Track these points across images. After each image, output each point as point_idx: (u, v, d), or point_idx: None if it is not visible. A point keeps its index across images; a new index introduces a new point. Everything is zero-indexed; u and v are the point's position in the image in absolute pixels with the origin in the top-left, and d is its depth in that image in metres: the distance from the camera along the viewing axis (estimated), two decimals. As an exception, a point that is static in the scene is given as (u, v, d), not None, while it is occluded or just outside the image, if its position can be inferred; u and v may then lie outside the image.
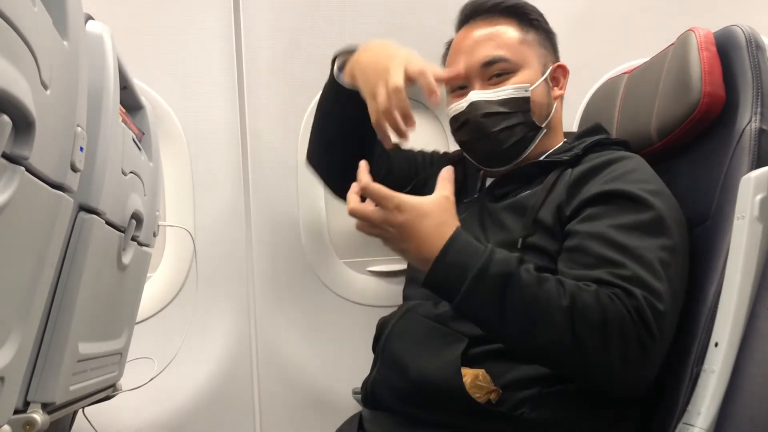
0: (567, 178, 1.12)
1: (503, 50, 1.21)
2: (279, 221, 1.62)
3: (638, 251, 0.98)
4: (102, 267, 0.94)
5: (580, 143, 1.19)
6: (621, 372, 0.94)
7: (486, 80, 1.21)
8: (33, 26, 0.58)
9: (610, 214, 1.03)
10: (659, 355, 0.96)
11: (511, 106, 1.19)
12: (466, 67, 1.22)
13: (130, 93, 1.12)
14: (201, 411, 1.58)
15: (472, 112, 1.19)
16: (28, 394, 0.79)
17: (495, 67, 1.20)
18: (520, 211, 1.13)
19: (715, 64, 1.09)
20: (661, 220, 1.02)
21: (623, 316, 0.92)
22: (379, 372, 1.14)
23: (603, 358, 0.93)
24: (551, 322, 0.94)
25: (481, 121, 1.19)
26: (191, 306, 1.55)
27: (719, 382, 0.90)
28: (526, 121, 1.19)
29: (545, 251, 1.07)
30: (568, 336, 0.93)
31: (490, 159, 1.24)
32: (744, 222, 0.93)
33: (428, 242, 1.00)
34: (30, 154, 0.59)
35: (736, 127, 1.04)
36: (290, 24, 1.62)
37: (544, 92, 1.23)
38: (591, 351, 0.93)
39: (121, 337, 1.17)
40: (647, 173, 1.10)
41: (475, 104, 1.19)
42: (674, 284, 0.99)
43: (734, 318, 0.91)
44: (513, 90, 1.19)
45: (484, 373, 1.02)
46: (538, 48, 1.24)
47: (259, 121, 1.62)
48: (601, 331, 0.92)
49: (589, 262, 0.99)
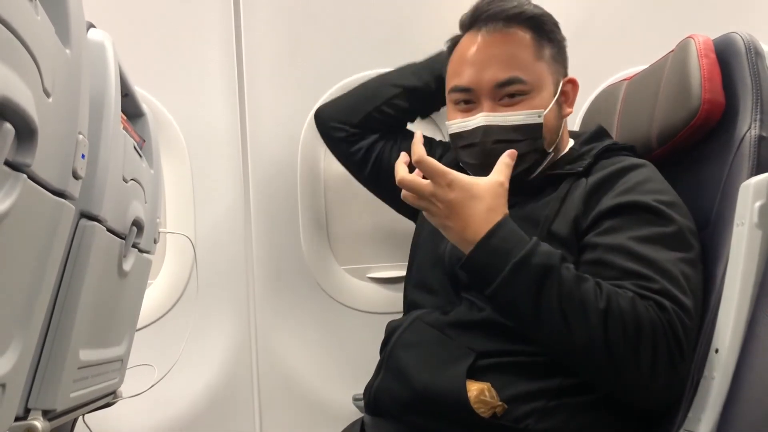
0: (582, 188, 1.09)
1: (519, 70, 1.12)
2: (279, 228, 1.62)
3: (663, 264, 0.97)
4: (103, 274, 0.94)
5: (589, 149, 1.16)
6: (649, 382, 0.93)
7: (497, 100, 1.13)
8: (35, 34, 0.58)
9: (630, 227, 1.02)
10: (686, 369, 0.95)
11: (522, 133, 1.12)
12: (477, 83, 1.13)
13: (132, 100, 1.13)
14: (201, 417, 1.58)
15: (482, 136, 1.12)
16: (29, 401, 0.79)
17: (510, 88, 1.12)
18: (532, 222, 1.08)
19: (715, 71, 1.09)
20: (681, 233, 1.01)
21: (656, 327, 0.92)
22: (383, 380, 1.13)
23: (633, 365, 0.92)
24: (585, 322, 0.93)
25: (492, 148, 1.11)
26: (192, 313, 1.55)
27: (720, 389, 0.90)
28: (537, 148, 1.13)
29: None
30: (600, 339, 0.92)
31: None
32: (743, 229, 0.93)
33: (474, 225, 0.99)
34: (32, 162, 0.59)
35: (736, 134, 1.05)
36: (290, 31, 1.63)
37: (556, 115, 1.16)
38: (622, 356, 0.92)
39: (122, 344, 1.17)
40: (661, 183, 1.09)
41: (485, 129, 1.12)
42: (697, 298, 0.98)
43: (734, 324, 0.91)
44: (526, 116, 1.12)
45: (489, 387, 1.01)
46: (552, 64, 1.17)
47: (260, 128, 1.62)
48: (634, 338, 0.92)
49: (614, 275, 0.98)
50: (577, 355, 0.97)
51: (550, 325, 0.96)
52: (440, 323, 1.11)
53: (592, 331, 0.93)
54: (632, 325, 0.92)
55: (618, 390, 0.98)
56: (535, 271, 0.95)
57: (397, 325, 1.18)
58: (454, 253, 1.13)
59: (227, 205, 1.63)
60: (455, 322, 1.09)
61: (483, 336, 1.06)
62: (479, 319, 1.07)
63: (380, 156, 1.44)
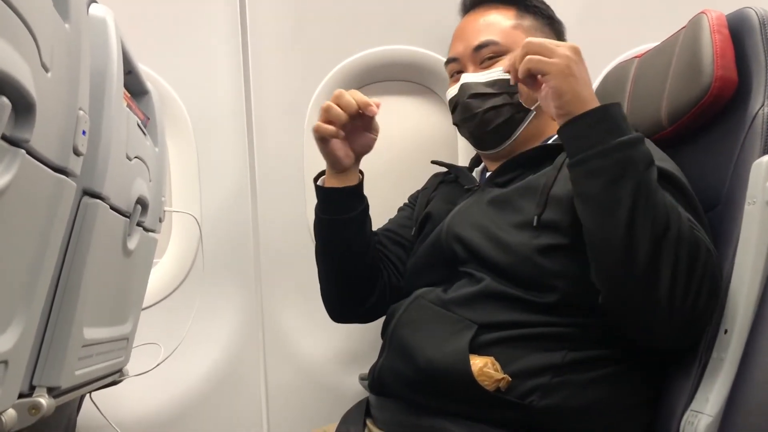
0: None
1: (494, 35, 1.26)
2: (285, 205, 1.62)
3: (685, 213, 0.97)
4: (107, 252, 0.94)
5: None
6: (692, 303, 0.93)
7: (478, 64, 1.26)
8: (32, 7, 0.57)
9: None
10: (711, 312, 0.95)
11: (497, 87, 1.22)
12: (460, 52, 1.28)
13: (135, 78, 1.11)
14: (208, 396, 1.59)
15: (462, 93, 1.24)
16: (33, 378, 0.79)
17: (485, 50, 1.25)
18: (531, 191, 1.11)
19: (728, 47, 1.07)
20: (691, 193, 1.03)
21: (711, 255, 0.94)
22: (387, 359, 1.14)
23: (686, 281, 0.92)
24: (657, 223, 0.91)
25: (468, 102, 1.23)
26: (198, 292, 1.55)
27: (728, 369, 0.89)
28: (513, 102, 1.22)
29: (558, 227, 1.05)
30: (666, 245, 0.91)
31: (480, 139, 1.26)
32: (755, 207, 0.91)
33: (587, 87, 0.99)
34: (31, 137, 0.58)
35: (749, 112, 1.03)
36: (296, 9, 1.61)
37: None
38: (681, 270, 0.92)
39: (128, 323, 1.17)
40: (659, 152, 1.09)
41: (464, 86, 1.24)
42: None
43: (744, 305, 0.90)
44: (499, 73, 1.23)
45: (493, 360, 1.01)
46: (533, 33, 1.27)
47: (265, 105, 1.61)
48: (693, 258, 0.92)
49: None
50: (632, 253, 0.92)
51: (625, 215, 0.92)
52: (441, 300, 1.12)
53: (661, 233, 0.91)
54: (692, 247, 0.92)
55: (652, 309, 0.94)
56: (642, 156, 0.94)
57: (397, 306, 1.19)
58: (450, 229, 1.17)
59: (233, 184, 1.62)
60: (455, 297, 1.10)
61: (483, 307, 1.06)
62: (478, 290, 1.08)
63: (393, 272, 1.36)
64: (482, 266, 1.10)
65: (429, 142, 1.69)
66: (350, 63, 1.60)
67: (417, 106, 1.67)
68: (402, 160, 1.67)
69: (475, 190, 1.24)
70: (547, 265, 1.04)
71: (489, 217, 1.14)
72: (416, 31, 1.60)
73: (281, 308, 1.61)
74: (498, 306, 1.06)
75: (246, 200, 1.61)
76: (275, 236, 1.62)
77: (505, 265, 1.07)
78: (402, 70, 1.64)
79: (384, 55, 1.61)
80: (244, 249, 1.61)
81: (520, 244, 1.07)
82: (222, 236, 1.60)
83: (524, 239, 1.07)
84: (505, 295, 1.06)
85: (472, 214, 1.17)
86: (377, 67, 1.62)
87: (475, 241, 1.12)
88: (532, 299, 1.05)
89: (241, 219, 1.61)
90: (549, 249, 1.05)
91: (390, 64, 1.62)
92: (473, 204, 1.20)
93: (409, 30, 1.61)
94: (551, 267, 1.04)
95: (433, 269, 1.20)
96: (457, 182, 1.33)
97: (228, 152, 1.61)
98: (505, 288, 1.07)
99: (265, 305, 1.61)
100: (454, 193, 1.30)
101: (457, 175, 1.34)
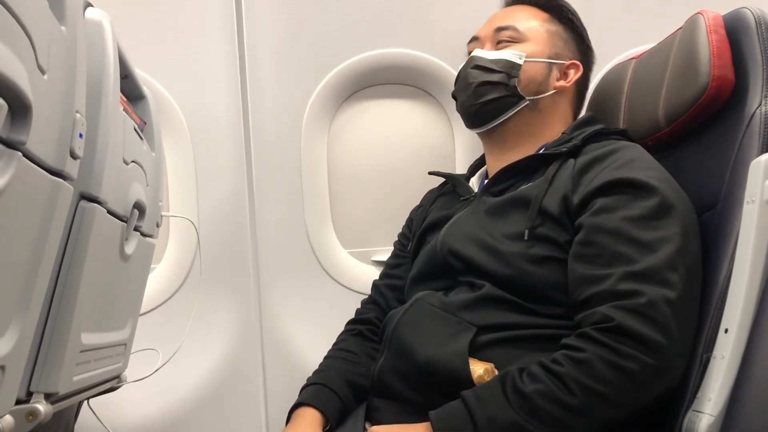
0: (570, 167, 1.11)
1: (518, 23, 1.29)
2: (283, 210, 1.61)
3: (652, 243, 0.98)
4: (104, 257, 0.93)
5: (578, 134, 1.19)
6: (644, 391, 0.94)
7: (495, 44, 1.29)
8: (28, 8, 0.57)
9: (621, 206, 1.02)
10: (683, 342, 0.95)
11: (500, 66, 1.25)
12: (483, 31, 1.32)
13: (132, 82, 1.11)
14: (207, 401, 1.58)
15: (467, 64, 1.29)
16: (30, 384, 0.78)
17: (504, 33, 1.28)
18: (523, 202, 1.12)
19: (724, 47, 1.07)
20: (671, 206, 1.02)
21: (615, 363, 0.92)
22: (386, 359, 1.14)
23: (622, 401, 0.93)
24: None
25: (469, 72, 1.27)
26: (196, 297, 1.55)
27: (729, 369, 0.89)
28: (508, 84, 1.24)
29: (553, 241, 1.07)
30: (585, 410, 0.92)
31: (467, 113, 1.28)
32: (754, 206, 0.91)
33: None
34: (27, 139, 0.58)
35: (746, 111, 1.03)
36: (293, 12, 1.61)
37: (543, 72, 1.27)
38: (611, 405, 0.93)
39: (126, 328, 1.16)
40: (650, 161, 1.10)
41: (472, 58, 1.29)
42: (691, 270, 0.99)
43: (744, 304, 0.90)
44: (509, 53, 1.26)
45: (493, 367, 1.02)
46: (556, 38, 1.30)
47: (262, 110, 1.61)
48: (606, 389, 0.92)
49: (602, 261, 1.00)
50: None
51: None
52: (442, 302, 1.12)
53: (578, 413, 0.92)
54: (595, 383, 0.92)
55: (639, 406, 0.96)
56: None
57: (397, 310, 1.19)
58: (444, 243, 1.18)
59: (230, 189, 1.61)
60: (456, 300, 1.11)
61: (483, 310, 1.07)
62: (479, 295, 1.09)
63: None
64: (481, 276, 1.11)
65: (427, 146, 1.69)
66: (347, 66, 1.60)
67: (415, 109, 1.67)
68: (400, 163, 1.67)
69: (472, 200, 1.25)
70: (542, 275, 1.06)
71: (484, 228, 1.15)
72: (414, 34, 1.60)
73: (279, 313, 1.61)
74: (497, 309, 1.07)
75: (243, 205, 1.61)
76: (273, 241, 1.61)
77: (502, 274, 1.09)
78: (400, 74, 1.64)
79: (382, 58, 1.61)
80: (242, 254, 1.60)
81: (515, 254, 1.08)
82: (220, 241, 1.60)
83: (518, 249, 1.08)
84: (505, 299, 1.07)
85: (467, 225, 1.18)
86: (375, 70, 1.62)
87: (470, 253, 1.13)
88: (532, 308, 1.06)
89: (238, 223, 1.60)
90: (542, 260, 1.07)
91: (388, 67, 1.62)
92: (469, 215, 1.20)
93: (407, 33, 1.61)
94: (547, 277, 1.06)
95: (433, 280, 1.21)
96: (455, 192, 1.33)
97: (225, 157, 1.61)
98: (504, 293, 1.08)
99: (263, 310, 1.61)
100: (452, 203, 1.31)
101: (454, 185, 1.35)
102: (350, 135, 1.66)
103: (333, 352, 1.32)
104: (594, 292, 0.98)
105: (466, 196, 1.28)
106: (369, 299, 1.41)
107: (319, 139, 1.62)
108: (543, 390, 0.93)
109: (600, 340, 0.93)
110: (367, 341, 1.32)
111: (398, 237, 1.46)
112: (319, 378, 1.23)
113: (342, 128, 1.66)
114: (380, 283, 1.41)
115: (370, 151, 1.65)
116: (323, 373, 1.25)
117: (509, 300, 1.07)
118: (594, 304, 0.97)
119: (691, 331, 0.97)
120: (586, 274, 1.00)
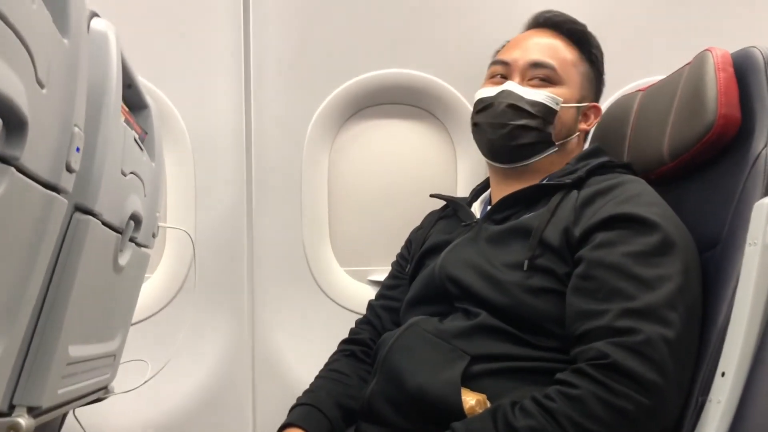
0: (573, 199, 1.10)
1: (555, 61, 1.25)
2: (281, 226, 1.61)
3: (652, 281, 0.97)
4: (97, 268, 0.92)
5: (583, 165, 1.18)
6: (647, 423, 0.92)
7: (526, 79, 1.25)
8: (30, 24, 0.56)
9: (622, 241, 1.01)
10: (676, 380, 0.93)
11: (538, 110, 1.21)
12: (515, 59, 1.26)
13: (135, 91, 1.10)
14: (195, 415, 1.56)
15: (502, 98, 1.22)
16: (13, 397, 0.77)
17: (540, 71, 1.24)
18: (524, 232, 1.11)
19: (732, 85, 1.06)
20: (672, 244, 1.01)
21: (609, 402, 0.91)
22: (377, 383, 1.12)
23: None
24: None
25: (504, 110, 1.22)
26: (189, 309, 1.54)
27: (725, 414, 0.87)
28: (543, 131, 1.22)
29: (552, 272, 1.06)
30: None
31: (495, 150, 1.25)
32: (756, 249, 0.90)
33: None
34: (21, 155, 0.57)
35: (751, 152, 1.02)
36: (299, 29, 1.61)
37: (572, 117, 1.26)
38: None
39: (115, 340, 1.15)
40: (653, 196, 1.09)
41: (508, 92, 1.22)
42: (690, 310, 0.97)
43: (743, 347, 0.88)
44: (546, 97, 1.22)
45: (485, 399, 1.00)
46: (584, 79, 1.29)
47: (265, 125, 1.60)
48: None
49: (600, 296, 0.98)
50: None
51: None
52: (436, 329, 1.11)
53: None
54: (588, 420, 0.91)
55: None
56: None
57: (391, 334, 1.18)
58: (443, 269, 1.17)
59: (229, 202, 1.61)
60: (451, 327, 1.10)
61: (478, 339, 1.06)
62: (475, 324, 1.08)
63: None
64: (478, 304, 1.10)
65: (429, 166, 1.68)
66: (351, 85, 1.60)
67: (418, 130, 1.66)
68: (401, 184, 1.66)
69: (473, 226, 1.23)
70: (540, 306, 1.05)
71: (484, 255, 1.14)
72: (419, 55, 1.60)
73: (272, 329, 1.59)
74: (492, 339, 1.06)
75: (242, 219, 1.60)
76: (269, 255, 1.60)
77: (499, 303, 1.08)
78: (403, 94, 1.64)
79: (385, 78, 1.61)
80: (238, 268, 1.59)
81: (513, 283, 1.07)
82: (215, 254, 1.59)
83: (517, 279, 1.07)
84: (500, 329, 1.06)
85: (466, 251, 1.17)
86: (378, 89, 1.62)
87: (468, 280, 1.12)
88: (528, 340, 1.05)
89: (235, 237, 1.60)
90: (540, 291, 1.06)
91: (391, 87, 1.62)
92: (469, 241, 1.19)
93: (411, 54, 1.61)
94: (545, 309, 1.05)
95: (429, 304, 1.20)
96: (456, 216, 1.32)
97: (226, 170, 1.60)
98: (500, 323, 1.06)
99: (256, 325, 1.59)
100: (453, 227, 1.30)
101: (455, 209, 1.33)
102: (352, 153, 1.65)
103: (325, 373, 1.30)
104: (591, 327, 0.97)
105: (468, 221, 1.26)
106: (364, 319, 1.39)
107: (320, 156, 1.61)
108: (534, 426, 0.92)
109: (594, 377, 0.92)
110: (359, 363, 1.30)
111: (396, 257, 1.45)
112: (309, 398, 1.21)
113: (344, 147, 1.65)
114: (376, 303, 1.39)
115: (372, 170, 1.64)
116: (313, 393, 1.23)
117: (505, 330, 1.06)
118: (590, 339, 0.96)
119: (689, 372, 0.96)
120: (583, 308, 0.99)
